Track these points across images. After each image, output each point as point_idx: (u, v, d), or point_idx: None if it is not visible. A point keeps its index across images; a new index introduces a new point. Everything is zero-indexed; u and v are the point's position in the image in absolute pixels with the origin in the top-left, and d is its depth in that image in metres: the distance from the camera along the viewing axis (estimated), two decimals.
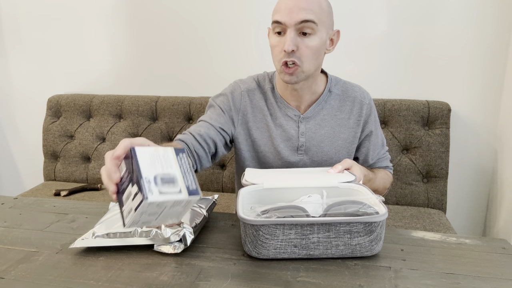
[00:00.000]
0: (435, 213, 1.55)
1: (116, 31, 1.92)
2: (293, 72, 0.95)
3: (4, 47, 2.06)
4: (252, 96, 1.07)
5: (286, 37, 0.92)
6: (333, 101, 1.07)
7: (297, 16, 0.90)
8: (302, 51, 0.93)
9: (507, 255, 0.74)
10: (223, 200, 1.67)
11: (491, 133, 1.68)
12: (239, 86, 1.08)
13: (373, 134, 1.10)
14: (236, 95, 1.07)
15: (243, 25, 1.78)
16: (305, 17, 0.90)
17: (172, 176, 0.62)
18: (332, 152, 1.07)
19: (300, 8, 0.90)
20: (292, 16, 0.90)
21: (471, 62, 1.63)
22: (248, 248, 0.72)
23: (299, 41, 0.92)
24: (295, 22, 0.91)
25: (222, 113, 1.05)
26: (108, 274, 0.68)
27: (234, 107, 1.06)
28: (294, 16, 0.90)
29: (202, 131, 1.01)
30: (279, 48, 0.94)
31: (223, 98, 1.07)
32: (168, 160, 0.63)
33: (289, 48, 0.91)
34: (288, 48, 0.91)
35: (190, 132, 1.01)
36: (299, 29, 0.92)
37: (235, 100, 1.06)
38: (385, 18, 1.66)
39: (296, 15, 0.90)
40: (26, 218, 0.91)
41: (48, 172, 1.94)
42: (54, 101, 1.93)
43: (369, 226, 0.69)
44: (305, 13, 0.90)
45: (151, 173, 0.59)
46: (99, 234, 0.76)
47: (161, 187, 0.59)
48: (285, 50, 0.91)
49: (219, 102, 1.07)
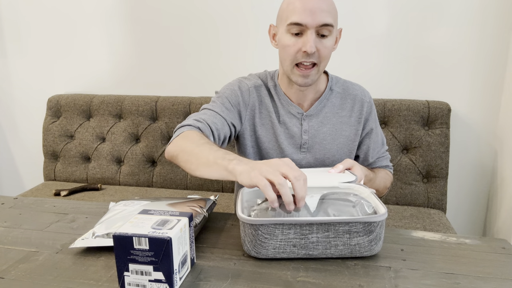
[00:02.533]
0: (435, 213, 1.55)
1: (116, 31, 1.92)
2: (309, 74, 0.95)
3: (4, 47, 2.06)
4: (259, 92, 1.06)
5: (306, 38, 0.92)
6: (334, 99, 1.07)
7: (319, 19, 0.90)
8: (321, 52, 0.94)
9: (507, 255, 0.74)
10: (223, 200, 1.67)
11: (491, 133, 1.68)
12: (245, 83, 1.07)
13: (373, 132, 1.11)
14: (244, 90, 1.05)
15: (243, 25, 1.78)
16: (326, 20, 0.91)
17: (186, 255, 0.66)
18: (334, 150, 1.07)
19: (322, 10, 0.91)
20: (314, 18, 0.90)
21: (471, 62, 1.63)
22: (248, 248, 0.72)
23: (318, 42, 0.93)
24: (316, 24, 0.91)
25: (231, 107, 1.03)
26: (108, 274, 0.68)
27: (243, 102, 1.05)
28: (316, 19, 0.90)
29: (218, 126, 0.97)
30: (295, 48, 0.94)
31: (231, 92, 1.05)
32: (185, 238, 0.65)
33: (312, 50, 0.91)
34: (311, 50, 0.91)
35: (208, 123, 0.96)
36: (318, 31, 0.92)
37: (244, 96, 1.05)
38: (385, 18, 1.66)
39: (318, 17, 0.90)
40: (26, 218, 0.91)
41: (48, 172, 1.95)
42: (54, 101, 1.93)
43: (368, 226, 0.69)
44: (326, 16, 0.91)
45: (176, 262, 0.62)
46: (99, 234, 0.76)
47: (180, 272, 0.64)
48: (307, 51, 0.91)
49: (228, 95, 1.04)
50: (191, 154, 0.83)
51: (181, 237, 0.62)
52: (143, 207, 0.84)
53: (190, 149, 0.84)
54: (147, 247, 0.59)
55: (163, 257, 0.59)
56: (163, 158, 1.82)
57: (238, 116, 1.05)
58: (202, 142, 0.84)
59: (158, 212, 0.67)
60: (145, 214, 0.66)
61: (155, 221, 0.63)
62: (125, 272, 0.61)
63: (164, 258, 0.59)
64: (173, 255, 0.60)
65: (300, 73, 0.95)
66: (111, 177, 1.87)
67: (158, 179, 1.83)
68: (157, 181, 1.83)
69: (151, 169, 1.85)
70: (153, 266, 0.60)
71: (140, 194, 1.73)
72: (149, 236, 0.59)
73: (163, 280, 0.60)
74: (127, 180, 1.85)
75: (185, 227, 0.64)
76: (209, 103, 1.04)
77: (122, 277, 0.61)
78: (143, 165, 1.84)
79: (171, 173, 1.81)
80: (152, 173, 1.84)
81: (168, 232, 0.59)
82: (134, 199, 0.91)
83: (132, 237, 0.59)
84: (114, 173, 1.86)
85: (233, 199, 1.66)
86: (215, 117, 0.98)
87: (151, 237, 0.59)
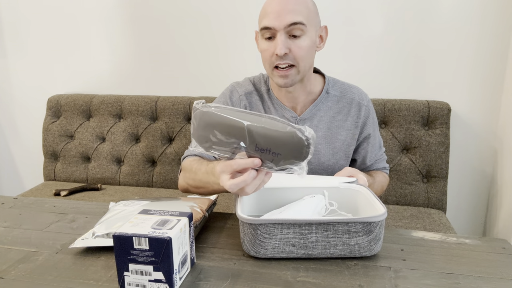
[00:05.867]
0: (435, 213, 1.55)
1: (116, 31, 1.92)
2: (288, 75, 0.94)
3: (4, 47, 2.06)
4: (250, 99, 1.07)
5: (276, 41, 0.91)
6: (330, 103, 1.06)
7: (286, 19, 0.89)
8: (295, 52, 0.92)
9: (507, 255, 0.74)
10: (223, 200, 1.67)
11: (491, 133, 1.68)
12: (236, 91, 1.07)
13: (371, 136, 1.09)
14: (234, 100, 1.06)
15: (243, 25, 1.78)
16: (294, 19, 0.90)
17: (186, 255, 0.66)
18: (329, 154, 1.06)
19: (288, 11, 0.89)
20: (280, 20, 0.90)
21: (471, 62, 1.63)
22: (247, 247, 0.72)
23: (290, 44, 0.92)
24: (284, 26, 0.90)
25: None
26: (108, 274, 0.68)
27: None
28: (283, 20, 0.89)
29: None
30: (269, 52, 0.93)
31: (222, 103, 1.06)
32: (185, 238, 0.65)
33: (282, 52, 0.90)
34: (280, 52, 0.90)
35: None
36: (288, 31, 0.91)
37: (234, 105, 1.06)
38: (385, 18, 1.66)
39: (285, 18, 0.89)
40: (26, 218, 0.91)
41: (48, 172, 1.95)
42: (54, 101, 1.93)
43: (367, 226, 0.69)
44: (293, 15, 0.90)
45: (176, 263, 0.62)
46: (99, 234, 0.76)
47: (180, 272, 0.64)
48: (277, 53, 0.90)
49: None
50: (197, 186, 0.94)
51: (181, 237, 0.62)
52: (143, 207, 0.84)
53: (192, 182, 0.94)
54: (147, 247, 0.59)
55: (163, 257, 0.59)
56: (163, 158, 1.82)
57: None
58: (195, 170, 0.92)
59: (158, 212, 0.67)
60: (145, 214, 0.66)
61: (155, 221, 0.63)
62: (125, 272, 0.61)
63: (164, 258, 0.59)
64: (173, 255, 0.60)
65: (278, 74, 0.95)
66: (111, 177, 1.87)
67: (158, 179, 1.83)
68: (157, 181, 1.83)
69: (151, 169, 1.85)
70: (153, 266, 0.60)
71: (140, 194, 1.73)
72: (149, 236, 0.59)
73: (163, 280, 0.60)
74: (127, 180, 1.85)
75: (185, 227, 0.64)
76: None
77: (122, 277, 0.61)
78: (143, 165, 1.84)
79: (171, 173, 1.81)
80: (152, 173, 1.84)
81: (168, 232, 0.60)
82: (134, 199, 0.91)
83: (132, 237, 0.59)
84: (114, 173, 1.86)
85: (233, 199, 1.66)
86: None
87: (151, 237, 0.59)
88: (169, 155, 1.81)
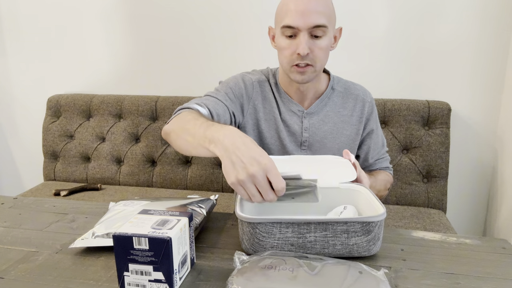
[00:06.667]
0: (435, 213, 1.55)
1: (116, 31, 1.92)
2: (305, 71, 0.95)
3: (4, 46, 2.06)
4: (262, 88, 1.07)
5: (299, 40, 0.92)
6: (336, 98, 1.07)
7: (310, 21, 0.90)
8: (315, 53, 0.93)
9: (507, 255, 0.74)
10: (223, 200, 1.67)
11: (491, 133, 1.68)
12: (249, 77, 1.07)
13: (374, 132, 1.11)
14: (248, 84, 1.05)
15: (243, 25, 1.78)
16: (318, 21, 0.90)
17: (186, 255, 0.66)
18: (335, 148, 1.07)
19: (313, 12, 0.90)
20: (305, 21, 0.90)
21: (471, 62, 1.63)
22: (246, 246, 0.71)
23: (311, 44, 0.92)
24: (308, 27, 0.90)
25: (234, 98, 1.03)
26: (108, 274, 0.68)
27: (246, 95, 1.05)
28: (307, 21, 0.90)
29: (219, 112, 0.96)
30: (290, 50, 0.94)
31: (235, 84, 1.04)
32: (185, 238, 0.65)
33: (305, 52, 0.91)
34: (303, 52, 0.91)
35: (209, 108, 0.94)
36: (311, 32, 0.92)
37: (248, 89, 1.05)
38: (385, 18, 1.66)
39: (309, 19, 0.90)
40: (26, 218, 0.91)
41: (48, 172, 1.95)
42: (54, 101, 1.93)
43: (366, 226, 0.69)
44: (317, 17, 0.90)
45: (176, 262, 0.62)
46: (99, 234, 0.76)
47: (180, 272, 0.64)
48: (300, 53, 0.91)
49: (232, 86, 1.03)
50: (180, 133, 0.82)
51: (181, 237, 0.62)
52: (143, 207, 0.83)
53: (180, 129, 0.83)
54: (147, 247, 0.59)
55: (163, 257, 0.59)
56: (163, 158, 1.82)
57: (240, 108, 1.04)
58: (190, 119, 0.82)
59: (158, 212, 0.67)
60: (145, 214, 0.66)
61: (155, 221, 0.63)
62: (125, 272, 0.61)
63: (164, 258, 0.59)
64: (173, 255, 0.60)
65: (297, 71, 0.96)
66: (111, 177, 1.87)
67: (158, 179, 1.83)
68: (157, 181, 1.83)
69: (151, 169, 1.85)
70: (153, 266, 0.60)
71: (140, 194, 1.73)
72: (149, 236, 0.59)
73: (163, 280, 0.60)
74: (127, 180, 1.85)
75: (185, 227, 0.64)
76: (212, 90, 1.04)
77: (122, 277, 0.61)
78: (143, 165, 1.84)
79: (171, 173, 1.81)
80: (152, 173, 1.84)
81: (168, 232, 0.59)
82: (134, 199, 0.91)
83: (132, 237, 0.59)
84: (114, 173, 1.86)
85: (233, 199, 1.66)
86: (217, 104, 0.97)
87: (151, 237, 0.59)
88: (169, 155, 1.81)
